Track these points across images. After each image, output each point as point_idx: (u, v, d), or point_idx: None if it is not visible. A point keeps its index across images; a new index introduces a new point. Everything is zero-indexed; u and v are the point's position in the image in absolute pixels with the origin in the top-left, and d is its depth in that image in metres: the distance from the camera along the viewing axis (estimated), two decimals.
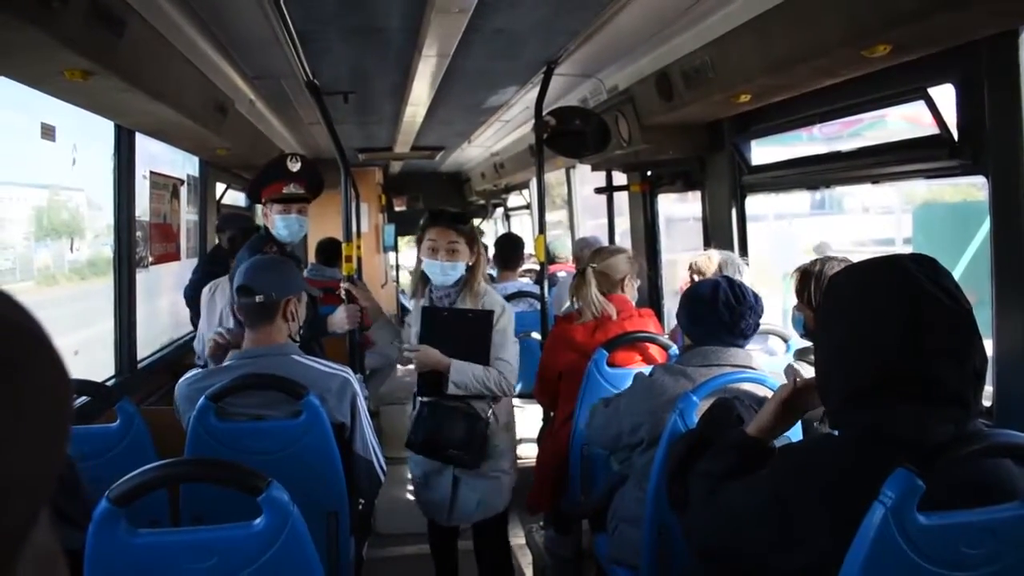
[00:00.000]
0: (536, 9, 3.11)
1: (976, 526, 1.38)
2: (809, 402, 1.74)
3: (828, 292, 1.55)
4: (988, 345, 2.41)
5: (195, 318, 4.57)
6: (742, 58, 2.95)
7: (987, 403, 2.47)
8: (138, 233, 4.09)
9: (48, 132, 3.23)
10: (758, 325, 2.45)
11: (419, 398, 3.15)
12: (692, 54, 3.28)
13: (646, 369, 2.76)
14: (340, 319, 3.57)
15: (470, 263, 3.13)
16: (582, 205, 7.48)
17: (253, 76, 4.17)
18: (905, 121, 3.11)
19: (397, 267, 10.37)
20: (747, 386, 2.30)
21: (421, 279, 3.23)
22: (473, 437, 3.03)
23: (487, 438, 3.09)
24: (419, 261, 3.21)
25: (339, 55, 3.76)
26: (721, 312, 2.39)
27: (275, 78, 4.20)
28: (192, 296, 4.55)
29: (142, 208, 4.25)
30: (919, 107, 2.63)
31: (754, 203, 4.11)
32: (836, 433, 1.54)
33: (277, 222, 3.43)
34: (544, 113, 4.19)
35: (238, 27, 3.29)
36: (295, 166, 3.42)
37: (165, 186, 4.70)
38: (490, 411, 3.11)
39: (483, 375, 3.03)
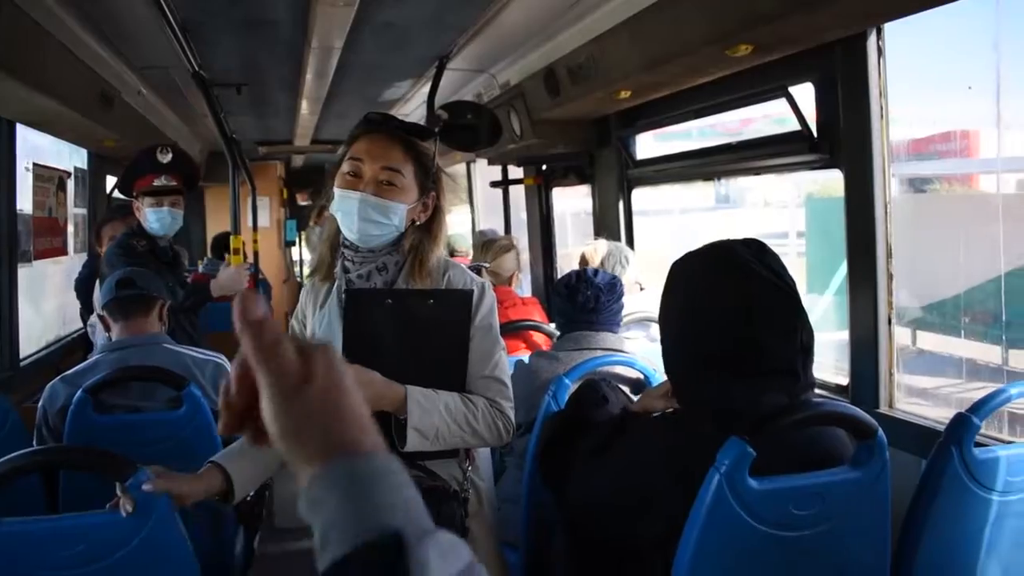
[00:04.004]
0: (423, 3, 3.14)
1: (805, 489, 1.50)
2: None
3: (668, 278, 1.65)
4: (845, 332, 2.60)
5: (84, 312, 4.47)
6: (620, 56, 3.07)
7: (844, 382, 2.65)
8: (20, 227, 3.95)
9: None
10: (598, 303, 2.55)
11: None
12: (576, 51, 3.38)
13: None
14: (228, 279, 3.52)
15: (419, 218, 1.85)
16: (484, 199, 7.55)
17: (140, 66, 4.08)
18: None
19: (301, 263, 10.27)
20: (618, 368, 2.42)
21: (331, 244, 1.90)
22: None
23: (466, 530, 1.80)
24: (327, 221, 1.92)
25: (228, 46, 3.72)
26: (564, 296, 2.50)
27: (163, 68, 4.12)
28: (84, 290, 4.43)
29: (25, 201, 4.11)
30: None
31: (660, 197, 4.25)
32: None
33: (149, 215, 3.38)
34: (437, 107, 4.23)
35: (119, 16, 3.22)
36: (166, 157, 3.37)
37: (50, 179, 4.55)
38: (465, 478, 1.87)
39: (464, 410, 1.77)
